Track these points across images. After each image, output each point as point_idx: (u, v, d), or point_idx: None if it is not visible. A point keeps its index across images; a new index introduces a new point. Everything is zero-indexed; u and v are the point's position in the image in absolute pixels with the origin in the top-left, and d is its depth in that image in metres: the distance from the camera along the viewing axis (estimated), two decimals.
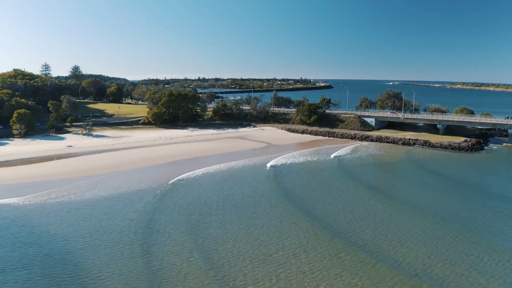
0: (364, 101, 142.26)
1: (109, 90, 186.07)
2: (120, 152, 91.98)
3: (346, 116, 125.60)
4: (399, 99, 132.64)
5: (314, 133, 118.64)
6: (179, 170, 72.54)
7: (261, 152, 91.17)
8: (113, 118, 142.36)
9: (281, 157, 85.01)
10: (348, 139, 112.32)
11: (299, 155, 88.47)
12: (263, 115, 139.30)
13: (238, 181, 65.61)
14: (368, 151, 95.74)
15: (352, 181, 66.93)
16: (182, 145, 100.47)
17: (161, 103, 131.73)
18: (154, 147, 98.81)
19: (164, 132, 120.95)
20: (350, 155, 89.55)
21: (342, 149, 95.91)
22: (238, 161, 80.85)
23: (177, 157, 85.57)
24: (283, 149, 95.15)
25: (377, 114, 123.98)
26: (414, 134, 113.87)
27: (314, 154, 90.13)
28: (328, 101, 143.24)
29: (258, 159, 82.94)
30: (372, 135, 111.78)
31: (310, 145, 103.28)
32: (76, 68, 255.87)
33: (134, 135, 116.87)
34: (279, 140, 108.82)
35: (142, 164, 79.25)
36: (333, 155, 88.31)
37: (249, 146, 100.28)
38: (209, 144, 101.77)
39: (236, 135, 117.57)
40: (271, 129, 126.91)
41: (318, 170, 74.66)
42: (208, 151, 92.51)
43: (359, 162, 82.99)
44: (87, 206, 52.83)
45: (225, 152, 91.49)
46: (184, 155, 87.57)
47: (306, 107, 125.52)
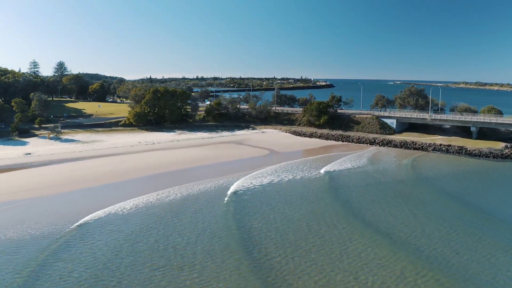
0: (381, 99, 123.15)
1: (91, 87, 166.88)
2: (84, 163, 73.04)
3: (362, 117, 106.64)
4: (422, 97, 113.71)
5: (324, 137, 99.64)
6: (134, 191, 53.47)
7: (263, 162, 72.08)
8: (90, 119, 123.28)
9: (288, 173, 65.89)
10: (366, 144, 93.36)
11: (310, 166, 69.33)
12: (263, 116, 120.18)
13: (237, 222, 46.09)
14: (399, 161, 76.82)
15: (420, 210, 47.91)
16: (164, 153, 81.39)
17: (145, 101, 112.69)
18: (129, 155, 79.82)
19: (147, 136, 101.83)
20: (379, 166, 70.55)
21: (363, 158, 76.95)
22: (231, 176, 61.75)
23: (151, 170, 66.43)
24: (289, 158, 76.09)
25: (399, 114, 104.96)
26: (444, 139, 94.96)
27: (333, 165, 71.04)
28: (339, 100, 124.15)
29: (260, 175, 63.76)
30: (394, 140, 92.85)
31: (321, 152, 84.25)
32: (61, 65, 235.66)
33: (110, 139, 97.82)
34: (283, 145, 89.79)
35: (100, 180, 60.15)
36: (358, 165, 69.36)
37: (246, 153, 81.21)
38: (197, 152, 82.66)
39: (232, 139, 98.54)
40: (273, 132, 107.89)
41: (354, 192, 55.60)
42: (195, 161, 73.40)
43: (407, 177, 63.94)
44: None
45: (217, 163, 72.40)
46: (161, 168, 68.43)
47: (314, 106, 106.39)
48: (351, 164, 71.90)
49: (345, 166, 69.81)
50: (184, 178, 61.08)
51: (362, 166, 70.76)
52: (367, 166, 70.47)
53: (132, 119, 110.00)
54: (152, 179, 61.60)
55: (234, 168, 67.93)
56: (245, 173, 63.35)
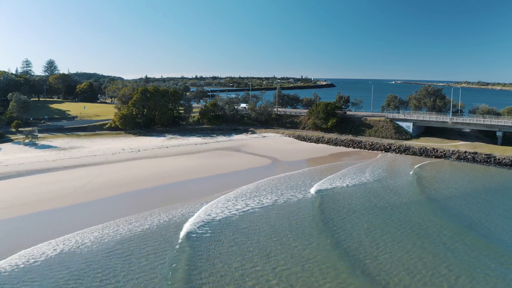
0: (393, 100, 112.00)
1: (79, 87, 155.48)
2: (55, 175, 62.05)
3: (374, 120, 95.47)
4: (440, 98, 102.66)
5: (332, 143, 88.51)
6: (96, 217, 42.42)
7: (264, 175, 60.89)
8: (73, 122, 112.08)
9: (295, 191, 54.77)
10: (381, 151, 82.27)
11: (322, 179, 58.18)
12: (264, 118, 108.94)
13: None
14: (420, 173, 65.69)
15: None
16: (149, 163, 70.20)
17: (132, 102, 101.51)
18: (108, 165, 68.74)
19: (133, 141, 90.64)
20: (399, 181, 59.37)
21: (378, 169, 65.87)
22: (225, 193, 50.62)
23: (127, 187, 55.13)
24: (296, 169, 64.98)
25: (416, 116, 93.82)
26: (467, 145, 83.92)
27: (352, 181, 59.88)
28: (347, 100, 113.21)
29: (260, 199, 52.60)
30: (412, 146, 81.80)
31: (330, 160, 73.18)
32: (51, 63, 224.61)
33: (91, 145, 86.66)
34: (287, 153, 78.68)
35: (66, 200, 49.00)
36: (375, 178, 58.25)
37: (245, 163, 70.07)
38: (188, 161, 71.52)
39: (229, 145, 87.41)
40: (275, 137, 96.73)
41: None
42: (182, 174, 62.14)
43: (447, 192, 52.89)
44: None
45: (209, 177, 61.15)
46: (140, 183, 57.09)
47: (321, 108, 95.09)
48: (367, 176, 60.82)
49: (359, 180, 58.70)
50: (162, 198, 49.87)
51: (379, 179, 59.68)
52: (385, 180, 59.37)
53: (118, 122, 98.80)
54: (123, 200, 50.42)
55: (229, 183, 56.70)
56: (239, 192, 52.22)
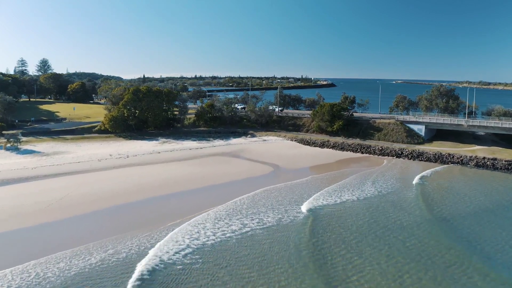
0: (402, 100, 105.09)
1: (71, 87, 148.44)
2: (33, 185, 55.50)
3: (384, 122, 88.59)
4: (454, 99, 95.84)
5: (339, 147, 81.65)
6: (60, 242, 35.64)
7: (265, 187, 54.01)
8: (61, 124, 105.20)
9: (306, 206, 47.90)
10: (392, 156, 75.43)
11: (335, 194, 51.26)
12: (264, 120, 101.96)
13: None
14: (438, 183, 58.86)
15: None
16: (137, 171, 63.31)
17: (123, 103, 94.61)
18: (92, 173, 61.96)
19: (122, 145, 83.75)
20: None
21: (391, 179, 59.00)
22: (221, 208, 43.80)
23: (107, 201, 48.13)
24: (300, 178, 58.12)
25: (428, 119, 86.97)
26: (485, 150, 77.20)
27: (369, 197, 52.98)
28: (352, 101, 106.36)
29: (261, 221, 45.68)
30: (426, 151, 75.04)
31: (337, 167, 66.32)
32: (44, 62, 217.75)
33: (77, 150, 79.79)
34: (290, 159, 71.82)
35: (37, 218, 42.27)
36: (390, 190, 51.39)
37: (243, 171, 63.16)
38: (180, 169, 64.61)
39: (227, 149, 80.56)
40: (277, 141, 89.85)
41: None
42: (173, 185, 55.17)
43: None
44: None
45: (202, 188, 54.21)
46: (123, 196, 50.17)
47: (326, 109, 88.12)
48: (378, 187, 53.97)
49: (370, 192, 51.86)
50: (146, 216, 43.13)
51: (391, 191, 52.86)
52: (396, 193, 52.54)
53: (108, 125, 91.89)
54: (102, 218, 43.54)
55: (223, 196, 49.84)
56: (232, 207, 45.36)
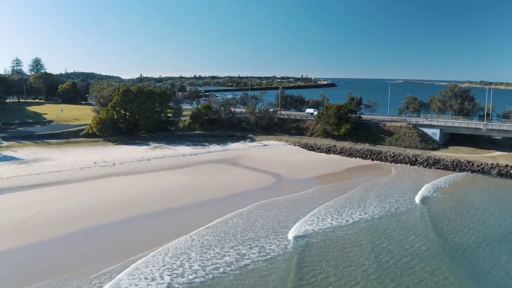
0: (412, 101, 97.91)
1: (61, 87, 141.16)
2: (4, 199, 48.51)
3: (395, 126, 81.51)
4: (469, 100, 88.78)
5: (346, 153, 74.56)
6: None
7: (265, 199, 46.92)
8: (47, 127, 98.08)
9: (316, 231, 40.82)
10: (405, 164, 68.38)
11: (345, 212, 44.11)
12: (265, 122, 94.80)
13: None
14: (468, 200, 51.80)
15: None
16: (122, 181, 56.23)
17: (112, 104, 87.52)
18: (73, 185, 55.07)
19: (110, 151, 76.62)
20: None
21: (408, 194, 51.93)
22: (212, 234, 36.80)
23: (80, 221, 41.08)
24: (306, 190, 51.05)
25: (444, 122, 79.95)
26: (506, 156, 70.27)
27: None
28: (359, 102, 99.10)
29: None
30: (443, 158, 68.01)
31: (348, 176, 59.24)
32: (37, 61, 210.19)
33: (60, 156, 72.74)
34: (293, 167, 64.75)
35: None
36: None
37: (242, 182, 56.01)
38: (171, 179, 57.44)
39: (224, 156, 73.48)
40: (278, 145, 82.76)
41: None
42: (160, 199, 48.00)
43: None
44: None
45: (193, 204, 47.05)
46: (101, 214, 43.16)
47: (332, 112, 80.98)
48: (390, 203, 46.89)
49: (381, 209, 44.79)
50: (123, 244, 36.21)
51: (406, 210, 45.76)
52: (415, 211, 45.47)
53: (95, 128, 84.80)
54: (73, 243, 36.55)
55: (217, 213, 42.79)
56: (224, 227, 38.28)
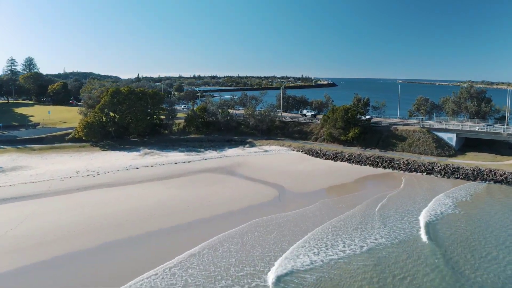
0: (424, 103, 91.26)
1: (51, 87, 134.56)
2: None
3: (408, 130, 74.88)
4: (486, 102, 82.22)
5: (355, 160, 67.92)
6: None
7: (265, 222, 40.27)
8: (32, 130, 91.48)
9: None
10: (421, 173, 61.76)
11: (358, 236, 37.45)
12: (265, 126, 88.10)
13: None
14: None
15: None
16: (104, 195, 49.48)
17: (99, 106, 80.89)
18: (48, 199, 48.39)
19: (95, 158, 69.92)
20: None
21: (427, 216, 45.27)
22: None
23: (51, 247, 34.17)
24: (312, 204, 44.42)
25: (461, 126, 73.35)
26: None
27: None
28: (366, 103, 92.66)
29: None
30: (462, 166, 61.36)
31: (358, 187, 52.62)
32: (29, 61, 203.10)
33: (41, 164, 66.07)
34: (298, 177, 58.08)
35: None
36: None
37: (240, 196, 49.27)
38: (160, 192, 50.69)
39: (220, 163, 66.81)
40: (281, 151, 76.13)
41: None
42: (145, 219, 41.15)
43: None
44: None
45: (182, 226, 40.29)
46: (74, 239, 36.24)
47: (339, 114, 74.30)
48: (398, 226, 40.21)
49: (390, 233, 38.06)
50: (92, 279, 29.50)
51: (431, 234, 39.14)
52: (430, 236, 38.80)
53: (81, 132, 78.17)
54: (33, 277, 29.85)
55: (209, 237, 36.12)
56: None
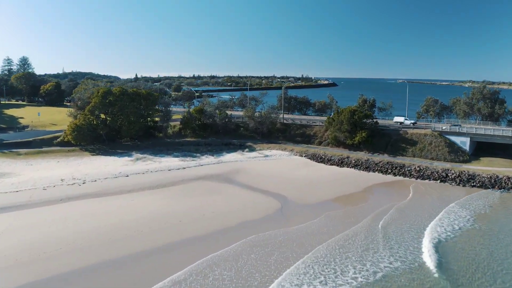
0: (433, 104, 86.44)
1: (43, 87, 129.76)
2: None
3: (418, 133, 70.01)
4: (500, 103, 77.52)
5: (363, 166, 63.10)
6: None
7: (264, 240, 35.50)
8: (19, 134, 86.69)
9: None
10: (434, 180, 57.01)
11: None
12: (266, 128, 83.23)
13: None
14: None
15: None
16: (88, 207, 44.62)
17: (89, 108, 76.12)
18: (26, 212, 43.79)
19: (83, 164, 65.10)
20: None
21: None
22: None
23: (16, 272, 29.33)
24: (316, 224, 39.65)
25: (475, 129, 68.58)
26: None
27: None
28: (372, 104, 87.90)
29: None
30: (478, 173, 56.66)
31: (369, 197, 47.87)
32: (24, 60, 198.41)
33: (25, 171, 61.30)
34: (301, 186, 53.29)
35: None
36: None
37: (238, 208, 44.46)
38: (150, 203, 45.82)
39: (217, 170, 62.00)
40: (282, 156, 71.37)
41: None
42: (129, 237, 36.23)
43: None
44: None
45: (172, 245, 35.33)
46: (45, 263, 31.31)
47: (345, 117, 69.45)
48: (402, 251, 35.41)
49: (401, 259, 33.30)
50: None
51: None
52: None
53: (70, 136, 73.40)
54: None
55: (202, 257, 31.35)
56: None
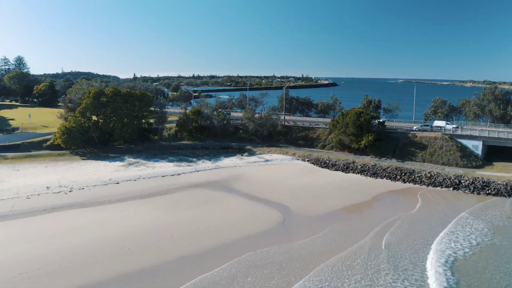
0: (441, 105, 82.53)
1: (36, 88, 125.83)
2: None
3: (428, 137, 66.02)
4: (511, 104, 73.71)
5: (370, 172, 59.24)
6: None
7: (265, 260, 31.63)
8: (8, 136, 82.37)
9: None
10: (447, 188, 53.19)
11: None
12: (266, 131, 79.33)
13: None
14: None
15: None
16: (72, 219, 40.69)
17: (80, 110, 72.22)
18: (7, 223, 40.08)
19: (72, 170, 61.16)
20: None
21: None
22: None
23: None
24: (320, 239, 35.79)
25: (488, 132, 64.67)
26: None
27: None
28: (377, 106, 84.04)
29: None
30: (493, 180, 52.82)
31: (379, 207, 43.95)
32: (19, 60, 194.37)
33: (10, 177, 57.33)
34: (305, 194, 49.39)
35: None
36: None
37: (236, 221, 40.56)
38: (140, 216, 41.84)
39: (215, 177, 58.08)
40: (284, 161, 67.46)
41: None
42: (113, 256, 32.23)
43: None
44: None
45: (161, 267, 31.41)
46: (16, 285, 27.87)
47: (351, 119, 65.49)
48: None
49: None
50: None
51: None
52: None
53: (60, 139, 69.50)
54: None
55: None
56: None
